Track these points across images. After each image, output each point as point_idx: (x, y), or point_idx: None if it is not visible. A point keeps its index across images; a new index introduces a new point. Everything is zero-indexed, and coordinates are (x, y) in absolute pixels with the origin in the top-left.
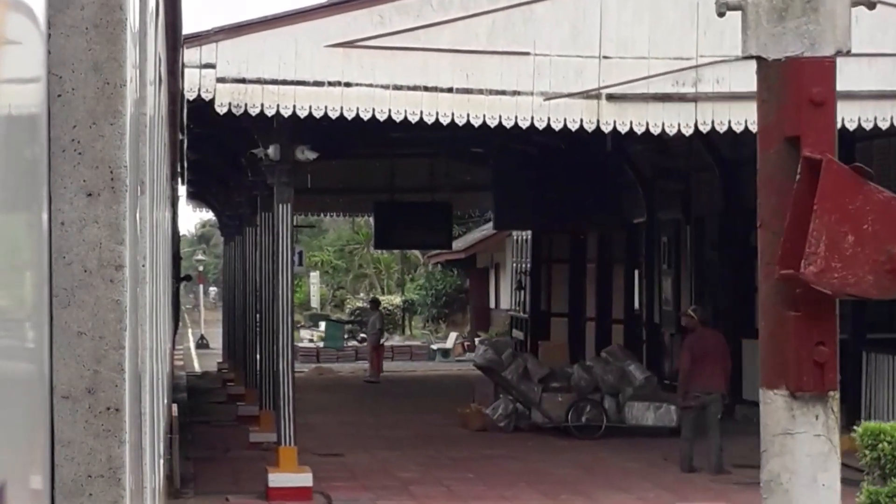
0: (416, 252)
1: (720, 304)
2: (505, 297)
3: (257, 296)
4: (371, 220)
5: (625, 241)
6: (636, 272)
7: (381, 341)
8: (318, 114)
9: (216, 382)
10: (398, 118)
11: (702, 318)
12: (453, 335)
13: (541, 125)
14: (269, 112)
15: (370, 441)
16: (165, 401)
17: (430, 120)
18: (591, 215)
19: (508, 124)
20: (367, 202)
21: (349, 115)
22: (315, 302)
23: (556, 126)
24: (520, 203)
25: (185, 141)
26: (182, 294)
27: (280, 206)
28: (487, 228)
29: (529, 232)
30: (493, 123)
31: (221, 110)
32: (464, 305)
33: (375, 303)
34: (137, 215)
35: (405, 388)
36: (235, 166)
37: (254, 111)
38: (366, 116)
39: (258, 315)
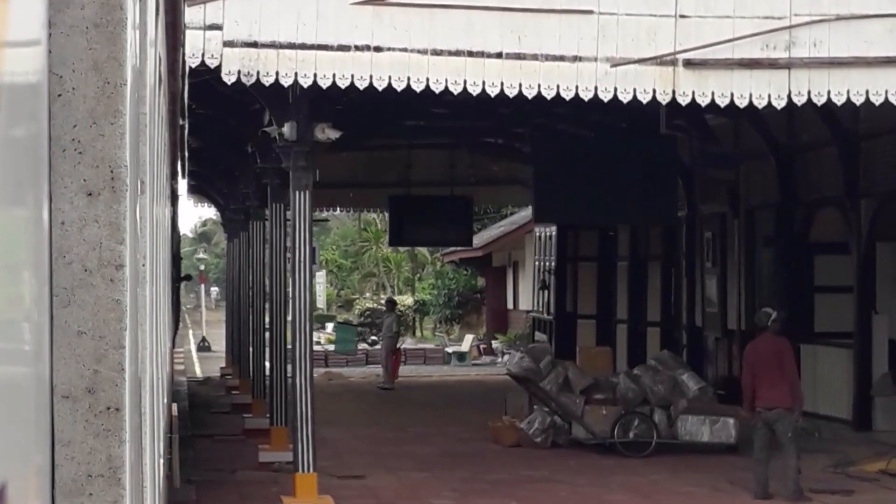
0: (424, 250)
1: (774, 306)
2: (524, 297)
3: (266, 296)
4: (383, 216)
5: (661, 237)
6: (674, 271)
7: (398, 345)
8: (343, 83)
9: (219, 389)
10: (437, 88)
11: (761, 324)
12: (469, 337)
13: (606, 96)
14: (286, 81)
15: (393, 459)
16: (165, 400)
17: (475, 90)
18: (645, 207)
19: (568, 95)
20: (381, 196)
21: (380, 85)
22: (321, 302)
23: (625, 97)
24: (563, 193)
25: (186, 126)
26: (182, 294)
27: (297, 193)
28: (505, 225)
29: (554, 228)
30: (549, 94)
31: (229, 79)
32: (478, 306)
33: (391, 304)
34: (137, 215)
35: (423, 396)
36: (242, 154)
37: (267, 80)
38: (399, 86)
39: (268, 318)
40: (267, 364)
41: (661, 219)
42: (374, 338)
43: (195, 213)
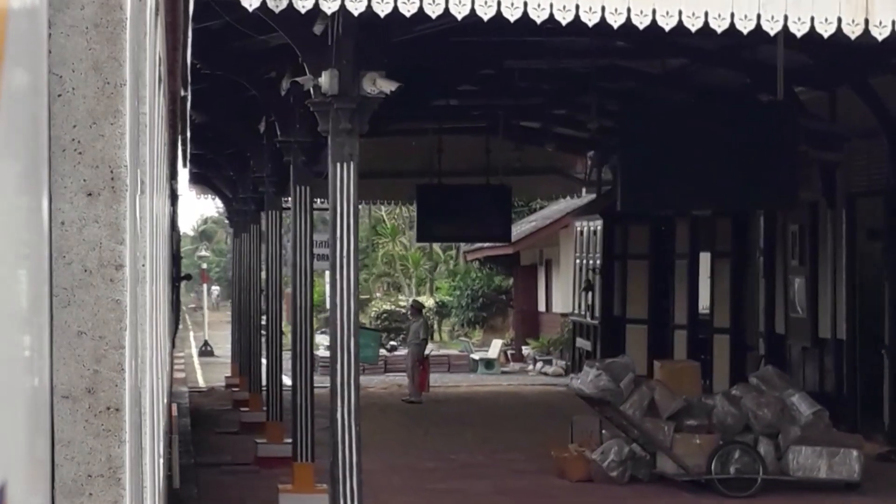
0: (437, 247)
1: (881, 311)
2: (560, 298)
3: (281, 299)
4: (399, 210)
5: (731, 231)
6: (747, 269)
7: (426, 353)
8: (408, 10)
9: (225, 402)
10: (539, 17)
11: None
12: (497, 343)
13: (772, 27)
14: (329, 6)
15: (442, 500)
16: (165, 400)
17: (591, 19)
18: (761, 189)
19: (720, 26)
20: (402, 188)
21: (459, 13)
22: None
23: (799, 29)
24: (657, 175)
25: (189, 98)
26: (182, 293)
27: (339, 166)
28: (536, 219)
29: (599, 222)
30: (694, 25)
31: (251, 5)
32: (504, 308)
33: (418, 307)
34: (137, 215)
35: (457, 412)
36: (253, 133)
37: (303, 5)
38: (486, 14)
39: (289, 325)
40: (294, 383)
41: (781, 202)
42: (392, 343)
43: (197, 208)
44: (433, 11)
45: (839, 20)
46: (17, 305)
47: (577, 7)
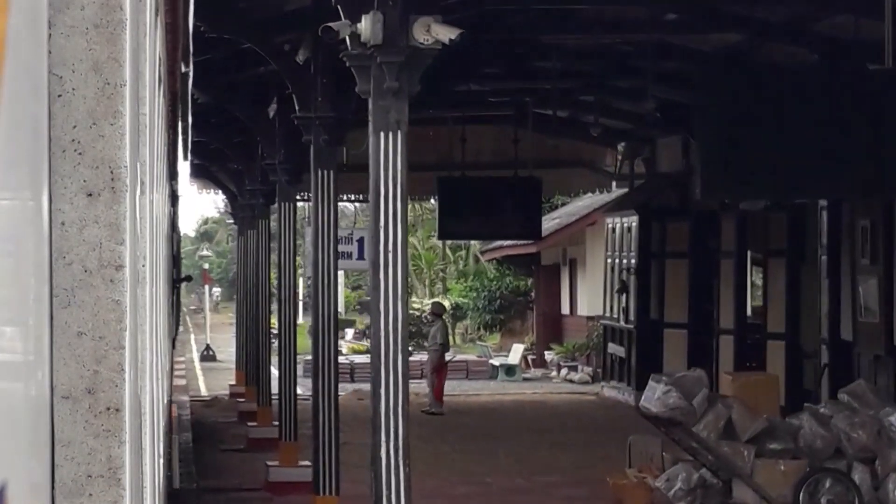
0: (444, 244)
1: None
2: (586, 300)
3: (293, 301)
4: (413, 206)
5: (786, 226)
6: (805, 269)
7: (446, 359)
8: None
9: (229, 413)
10: None
11: None
12: (518, 347)
13: None
14: None
15: None
16: (165, 400)
17: None
18: (867, 174)
19: None
20: (421, 181)
21: None
22: (340, 305)
23: None
24: (742, 159)
25: (190, 76)
26: (183, 294)
27: (385, 137)
28: (560, 216)
29: (634, 218)
30: None
31: None
32: (523, 310)
33: (439, 310)
34: (137, 215)
35: (483, 424)
36: (263, 114)
37: None
38: None
39: (313, 331)
40: (321, 403)
41: (893, 189)
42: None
43: (198, 208)
44: None
45: None
46: (17, 306)
47: None
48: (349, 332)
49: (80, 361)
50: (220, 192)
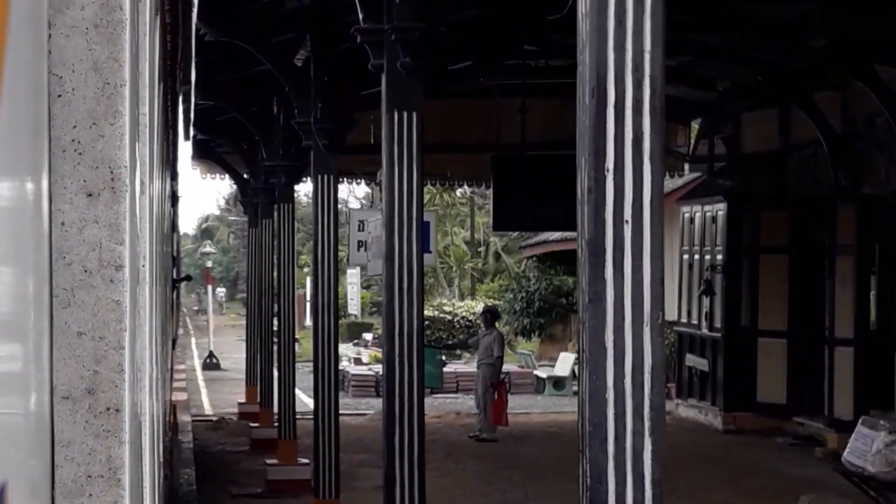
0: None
1: None
2: None
3: (328, 302)
4: (443, 194)
5: None
6: None
7: (502, 376)
8: None
9: (239, 440)
10: None
11: None
12: (568, 357)
13: None
14: None
15: None
16: (166, 400)
17: None
18: None
19: None
20: (461, 164)
21: None
22: (355, 307)
23: None
24: None
25: (193, 32)
26: (183, 294)
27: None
28: None
29: (722, 206)
30: None
31: None
32: (566, 314)
33: (492, 315)
34: (137, 215)
35: (550, 455)
36: (275, 87)
37: None
38: None
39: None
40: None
41: None
42: (441, 357)
43: (199, 202)
44: None
45: None
46: (17, 306)
47: None
48: (367, 337)
49: (80, 362)
50: (226, 176)
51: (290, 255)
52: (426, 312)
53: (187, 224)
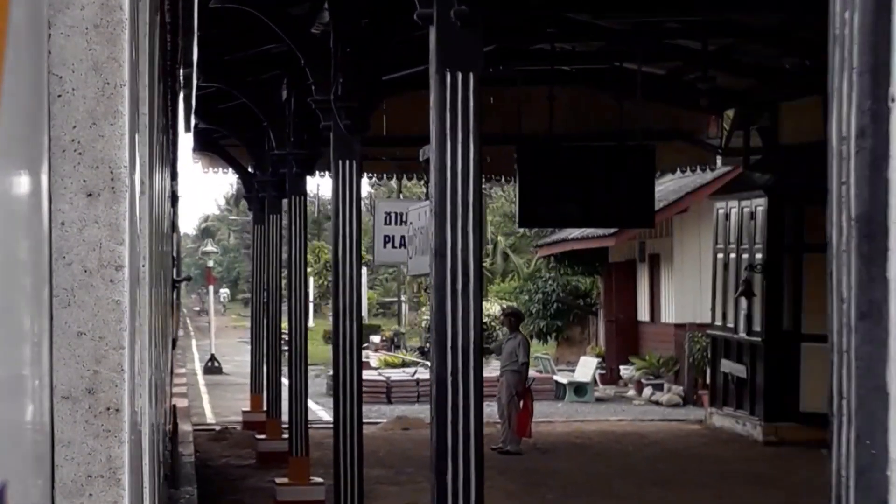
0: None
1: None
2: (673, 304)
3: (351, 303)
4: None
5: None
6: None
7: (528, 384)
8: None
9: (244, 452)
10: None
11: None
12: (589, 361)
13: None
14: None
15: None
16: (166, 401)
17: None
18: None
19: None
20: (496, 155)
21: None
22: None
23: None
24: None
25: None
26: (182, 294)
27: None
28: None
29: (761, 201)
30: None
31: None
32: (584, 316)
33: (515, 318)
34: (137, 215)
35: (583, 470)
36: (289, 59)
37: None
38: None
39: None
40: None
41: None
42: None
43: (199, 201)
44: None
45: None
46: (17, 306)
47: None
48: (374, 340)
49: (80, 361)
50: (229, 170)
51: (302, 252)
52: (423, 316)
53: (188, 224)
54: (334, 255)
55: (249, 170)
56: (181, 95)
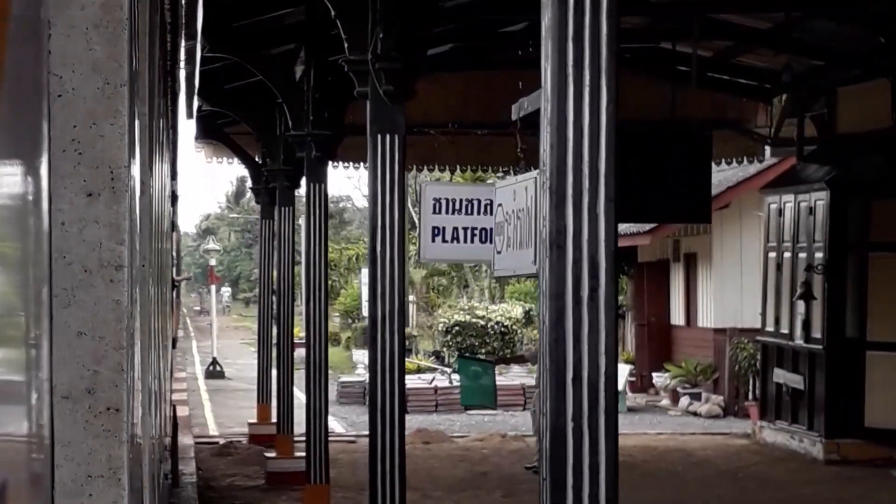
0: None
1: None
2: (712, 307)
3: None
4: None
5: None
6: None
7: None
8: None
9: (253, 472)
10: None
11: None
12: (622, 368)
13: None
14: None
15: None
16: (166, 401)
17: None
18: None
19: None
20: (503, 145)
21: None
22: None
23: None
24: None
25: None
26: (183, 293)
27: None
28: None
29: (821, 195)
30: None
31: None
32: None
33: None
34: (137, 215)
35: (634, 498)
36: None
37: None
38: None
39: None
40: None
41: None
42: (492, 371)
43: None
44: None
45: None
46: (17, 306)
47: None
48: None
49: (80, 361)
50: (234, 160)
51: (322, 244)
52: (456, 317)
53: (188, 222)
54: (371, 249)
55: (257, 159)
56: (183, 74)
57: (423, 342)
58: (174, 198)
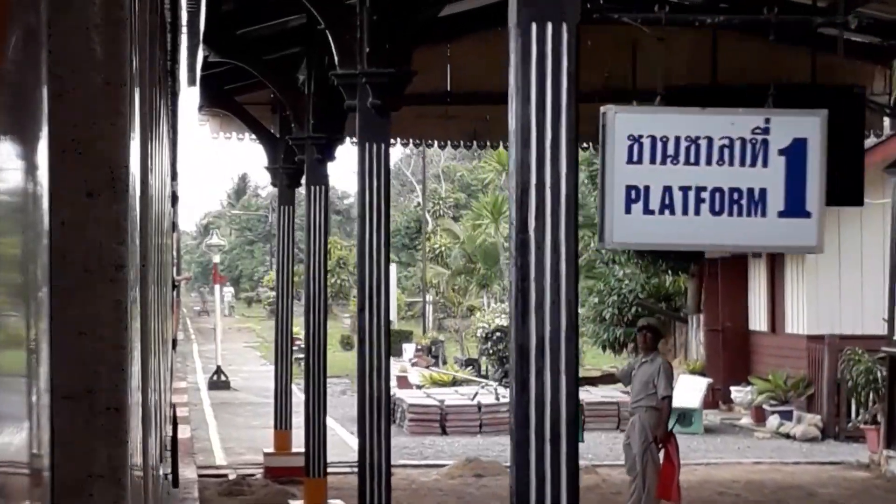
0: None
1: None
2: (804, 310)
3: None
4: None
5: None
6: None
7: (672, 427)
8: None
9: None
10: None
11: None
12: (697, 382)
13: None
14: None
15: None
16: (166, 400)
17: None
18: None
19: None
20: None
21: None
22: (391, 312)
23: None
24: None
25: None
26: (183, 293)
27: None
28: None
29: None
30: None
31: None
32: (668, 322)
33: (653, 334)
34: (138, 215)
35: None
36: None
37: None
38: None
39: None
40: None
41: None
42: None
43: (199, 200)
44: None
45: None
46: (17, 305)
47: None
48: (408, 350)
49: (80, 361)
50: (245, 135)
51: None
52: (497, 321)
53: (188, 220)
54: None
55: (273, 132)
56: (185, 24)
57: (450, 347)
58: (174, 198)
